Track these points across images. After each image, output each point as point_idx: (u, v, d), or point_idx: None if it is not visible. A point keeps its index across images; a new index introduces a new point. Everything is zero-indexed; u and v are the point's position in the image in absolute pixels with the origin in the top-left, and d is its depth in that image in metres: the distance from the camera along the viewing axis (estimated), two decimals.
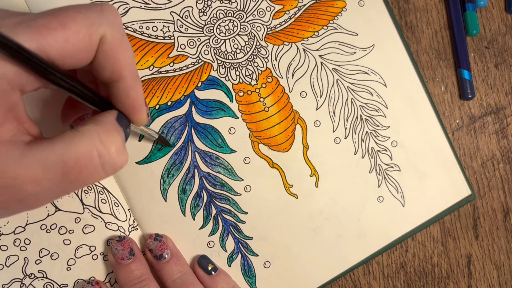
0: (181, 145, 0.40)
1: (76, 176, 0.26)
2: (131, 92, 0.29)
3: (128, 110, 0.30)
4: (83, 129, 0.26)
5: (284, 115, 0.42)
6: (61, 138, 0.25)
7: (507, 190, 0.47)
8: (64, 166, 0.25)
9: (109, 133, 0.27)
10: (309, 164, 0.42)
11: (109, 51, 0.27)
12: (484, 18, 0.48)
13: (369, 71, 0.43)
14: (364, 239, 0.43)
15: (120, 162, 0.27)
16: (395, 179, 0.43)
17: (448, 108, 0.47)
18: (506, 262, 0.47)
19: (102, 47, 0.27)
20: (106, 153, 0.26)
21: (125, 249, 0.38)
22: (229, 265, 0.41)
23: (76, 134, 0.26)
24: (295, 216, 0.42)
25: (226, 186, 0.41)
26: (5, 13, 0.26)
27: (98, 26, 0.26)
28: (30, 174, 0.24)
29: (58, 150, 0.25)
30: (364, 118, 0.43)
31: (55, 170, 0.25)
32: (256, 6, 0.41)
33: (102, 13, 0.27)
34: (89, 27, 0.26)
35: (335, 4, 0.43)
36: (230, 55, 0.41)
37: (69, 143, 0.25)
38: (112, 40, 0.27)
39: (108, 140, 0.27)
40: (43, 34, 0.24)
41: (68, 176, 0.25)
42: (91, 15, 0.26)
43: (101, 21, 0.26)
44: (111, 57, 0.27)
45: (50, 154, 0.25)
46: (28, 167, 0.24)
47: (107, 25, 0.27)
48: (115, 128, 0.28)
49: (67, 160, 0.25)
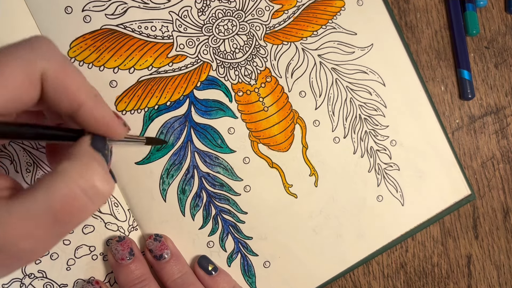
0: (180, 145, 0.40)
1: (67, 218, 0.25)
2: (95, 113, 0.28)
3: (101, 130, 0.29)
4: (60, 168, 0.25)
5: (283, 115, 0.42)
6: (41, 184, 0.24)
7: (507, 190, 0.47)
8: (52, 212, 0.24)
9: (87, 166, 0.26)
10: (309, 163, 0.42)
11: (55, 84, 0.26)
12: (484, 18, 0.48)
13: (368, 70, 0.43)
14: (364, 238, 0.43)
15: (107, 191, 0.26)
16: (394, 179, 0.43)
17: (448, 108, 0.47)
18: (506, 262, 0.47)
19: (46, 83, 0.26)
20: (89, 187, 0.25)
21: (125, 249, 0.38)
22: (229, 265, 0.41)
23: (55, 176, 0.24)
24: (295, 215, 0.42)
25: (225, 186, 0.41)
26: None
27: (34, 64, 0.25)
28: (20, 230, 0.23)
29: (41, 198, 0.24)
30: (363, 118, 0.43)
31: (44, 218, 0.24)
32: (255, 5, 0.41)
33: (33, 49, 0.26)
34: (25, 67, 0.25)
35: (334, 4, 0.43)
36: (229, 55, 0.41)
37: (50, 188, 0.24)
38: (54, 73, 0.26)
39: (88, 173, 0.25)
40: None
41: (59, 221, 0.24)
42: (23, 54, 0.25)
43: (35, 58, 0.25)
44: (61, 89, 0.26)
45: (34, 204, 0.23)
46: (16, 222, 0.23)
47: (42, 60, 0.25)
48: (92, 157, 0.27)
49: (53, 205, 0.24)
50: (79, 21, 0.38)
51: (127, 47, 0.39)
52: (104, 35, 0.39)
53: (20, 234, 0.23)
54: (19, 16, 0.37)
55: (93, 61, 0.38)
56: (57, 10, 0.38)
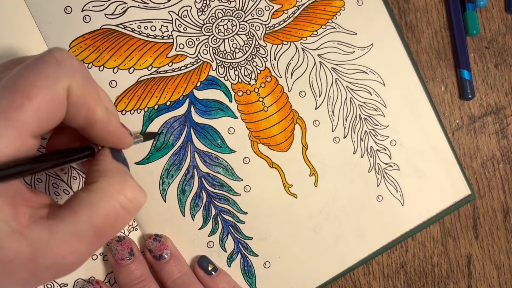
0: (180, 145, 0.40)
1: (108, 232, 0.26)
2: (109, 127, 0.29)
3: (114, 142, 0.30)
4: (96, 187, 0.26)
5: (283, 115, 0.42)
6: (80, 203, 0.26)
7: (507, 190, 0.47)
8: (95, 229, 0.26)
9: (120, 181, 0.27)
10: (309, 163, 0.42)
11: (78, 99, 0.26)
12: (484, 18, 0.48)
13: (368, 70, 0.43)
14: (364, 238, 0.43)
15: (143, 201, 0.28)
16: (394, 179, 0.43)
17: (448, 108, 0.47)
18: (506, 262, 0.47)
19: (70, 98, 0.26)
20: (127, 201, 0.27)
21: (125, 249, 0.38)
22: (229, 265, 0.41)
23: (93, 195, 0.26)
24: (295, 215, 0.42)
25: (225, 186, 0.41)
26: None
27: (61, 81, 0.25)
28: (67, 248, 0.25)
29: (84, 217, 0.25)
30: (363, 118, 0.43)
31: (88, 235, 0.25)
32: (254, 5, 0.41)
33: (58, 64, 0.26)
34: (53, 86, 0.24)
35: (334, 3, 0.43)
36: (229, 55, 0.41)
37: (91, 207, 0.25)
38: (78, 88, 0.26)
39: (125, 188, 0.27)
40: (14, 117, 0.23)
41: (101, 235, 0.26)
42: (49, 72, 0.25)
43: (61, 74, 0.25)
44: (82, 104, 0.27)
45: (78, 224, 0.25)
46: (61, 243, 0.24)
47: (68, 76, 0.25)
48: (122, 171, 0.28)
49: (96, 223, 0.26)
50: (79, 21, 0.38)
51: (127, 47, 0.39)
52: (103, 35, 0.39)
53: (66, 252, 0.25)
54: (19, 16, 0.37)
55: (93, 61, 0.38)
56: (57, 10, 0.38)
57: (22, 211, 0.24)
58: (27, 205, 0.25)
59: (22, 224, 0.24)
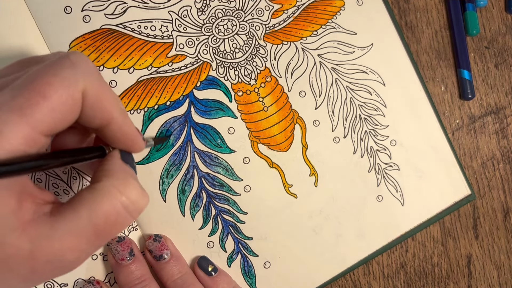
0: (180, 145, 0.40)
1: (108, 231, 0.26)
2: (124, 128, 0.29)
3: (126, 145, 0.30)
4: (99, 186, 0.27)
5: (283, 115, 0.42)
6: (83, 201, 0.26)
7: (507, 190, 0.47)
8: (95, 227, 0.26)
9: (124, 181, 0.27)
10: (309, 163, 0.42)
11: (93, 102, 0.27)
12: (484, 18, 0.48)
13: (368, 70, 0.43)
14: (364, 238, 0.43)
15: (145, 204, 0.28)
16: (394, 178, 0.43)
17: (448, 108, 0.47)
18: (506, 262, 0.47)
19: (86, 101, 0.26)
20: (129, 202, 0.27)
21: (125, 249, 0.38)
22: (229, 265, 0.41)
23: (96, 194, 0.26)
24: (295, 216, 0.42)
25: (225, 186, 0.41)
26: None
27: (76, 83, 0.25)
28: (66, 244, 0.25)
29: (85, 215, 0.25)
30: (363, 117, 0.43)
31: (87, 233, 0.25)
32: (254, 5, 0.41)
33: (74, 67, 0.26)
34: (69, 88, 0.25)
35: (334, 3, 0.43)
36: (229, 55, 0.41)
37: (92, 205, 0.26)
38: (93, 91, 0.26)
39: (127, 189, 0.27)
40: (28, 114, 0.23)
41: (101, 234, 0.26)
42: (66, 74, 0.25)
43: (77, 77, 0.26)
44: (98, 107, 0.27)
45: (78, 221, 0.25)
46: (61, 239, 0.25)
47: (84, 78, 0.26)
48: (128, 173, 0.28)
49: (96, 222, 0.26)
50: (79, 21, 0.38)
51: (127, 47, 0.39)
52: (103, 35, 0.39)
53: (66, 248, 0.25)
54: (19, 16, 0.37)
55: (93, 61, 0.38)
56: (57, 10, 0.38)
57: (27, 206, 0.25)
58: (32, 201, 0.25)
59: (25, 219, 0.24)
